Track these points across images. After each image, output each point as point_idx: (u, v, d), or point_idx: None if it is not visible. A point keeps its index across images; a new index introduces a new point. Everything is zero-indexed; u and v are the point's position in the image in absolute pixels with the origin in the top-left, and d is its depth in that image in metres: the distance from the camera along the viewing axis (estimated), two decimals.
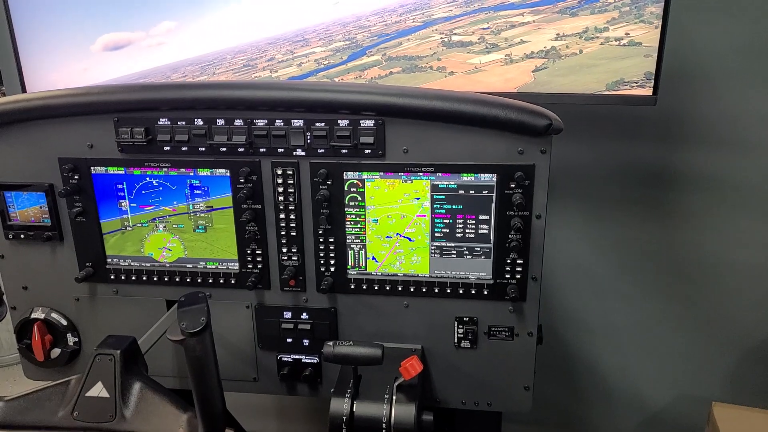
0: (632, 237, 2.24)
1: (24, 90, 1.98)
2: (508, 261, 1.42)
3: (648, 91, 1.75)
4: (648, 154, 2.12)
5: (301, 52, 2.00)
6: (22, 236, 1.55)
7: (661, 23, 1.70)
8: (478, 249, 1.44)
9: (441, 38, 1.90)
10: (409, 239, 1.46)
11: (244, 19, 1.98)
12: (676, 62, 1.92)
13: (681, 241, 2.20)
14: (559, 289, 2.36)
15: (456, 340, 1.49)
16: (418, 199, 1.43)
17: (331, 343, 1.31)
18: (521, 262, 1.41)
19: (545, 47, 1.82)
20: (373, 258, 1.48)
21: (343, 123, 1.39)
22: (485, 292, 1.45)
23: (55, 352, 1.63)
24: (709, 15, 1.94)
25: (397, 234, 1.46)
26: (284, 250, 1.50)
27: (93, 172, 1.49)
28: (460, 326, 1.48)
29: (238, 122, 1.42)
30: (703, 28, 1.96)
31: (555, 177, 2.15)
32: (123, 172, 1.49)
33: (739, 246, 2.13)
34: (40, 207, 1.53)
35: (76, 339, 1.63)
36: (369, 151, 1.40)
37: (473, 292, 1.45)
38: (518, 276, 1.43)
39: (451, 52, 1.91)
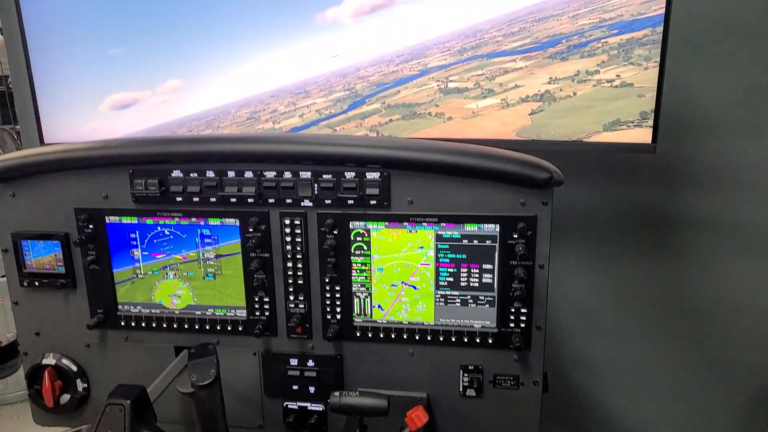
0: (636, 280, 2.25)
1: (42, 141, 2.05)
2: (512, 310, 1.44)
3: (645, 131, 1.78)
4: (650, 198, 2.16)
5: (302, 103, 2.07)
6: (36, 283, 1.59)
7: (657, 73, 1.75)
8: (483, 298, 1.46)
9: (438, 85, 1.96)
10: (414, 287, 1.49)
11: (247, 75, 2.06)
12: (674, 110, 1.97)
13: (684, 284, 2.21)
14: (565, 332, 2.37)
15: (461, 389, 1.50)
16: (421, 248, 1.46)
17: (337, 394, 1.33)
18: (525, 311, 1.43)
19: (539, 91, 1.86)
20: (379, 306, 1.50)
21: (349, 175, 1.43)
22: (490, 341, 1.46)
23: (65, 398, 1.65)
24: (706, 65, 2.00)
25: (402, 282, 1.49)
26: (291, 297, 1.53)
27: (107, 221, 1.54)
28: (466, 374, 1.49)
29: (248, 174, 1.47)
30: (700, 78, 2.01)
31: (559, 220, 2.18)
32: (136, 222, 1.53)
33: (742, 288, 2.14)
34: (55, 255, 1.57)
35: (86, 385, 1.65)
36: (374, 201, 1.44)
37: (478, 340, 1.47)
38: (522, 325, 1.44)
39: (449, 98, 1.96)
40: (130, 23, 2.06)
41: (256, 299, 1.54)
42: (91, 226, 1.53)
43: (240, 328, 1.56)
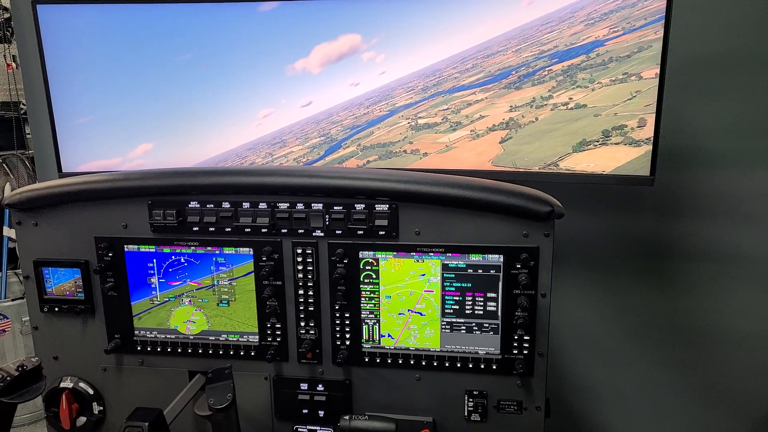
0: (637, 307, 2.30)
1: (60, 169, 2.12)
2: (516, 337, 1.49)
3: (612, 149, 1.88)
4: (649, 227, 2.22)
5: (280, 153, 2.18)
6: (56, 309, 1.65)
7: (655, 106, 1.83)
8: (487, 325, 1.51)
9: (408, 123, 2.10)
10: (420, 314, 1.55)
11: (222, 130, 2.17)
12: (671, 143, 2.04)
13: (685, 312, 2.26)
14: (567, 358, 2.41)
15: (466, 413, 1.55)
16: (423, 275, 1.52)
17: (347, 417, 1.38)
18: (528, 338, 1.49)
19: (504, 119, 2.00)
20: (389, 335, 1.56)
21: (359, 207, 1.50)
22: (494, 367, 1.52)
23: (81, 420, 1.69)
24: (703, 98, 2.08)
25: (408, 310, 1.54)
26: (302, 324, 1.58)
27: (126, 250, 1.60)
28: (470, 399, 1.54)
29: (262, 205, 1.53)
30: (697, 110, 2.08)
31: (562, 249, 2.25)
32: (154, 251, 1.60)
33: (742, 317, 2.19)
34: (75, 282, 1.63)
35: (101, 408, 1.69)
36: (383, 232, 1.50)
37: (482, 366, 1.52)
38: (525, 352, 1.49)
39: (420, 134, 2.09)
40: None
41: (269, 325, 1.59)
42: (110, 254, 1.60)
43: (252, 353, 1.61)
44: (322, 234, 1.53)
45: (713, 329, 2.23)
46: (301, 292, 1.57)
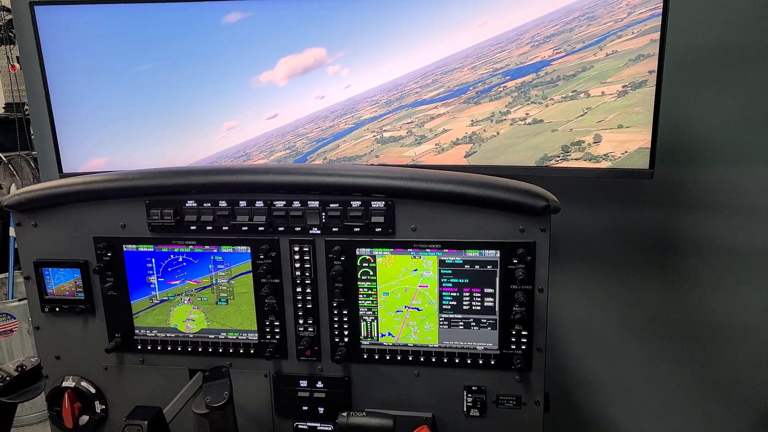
0: (640, 301, 2.29)
1: (60, 170, 2.13)
2: (513, 332, 1.49)
3: (571, 165, 1.94)
4: (650, 221, 2.21)
5: None
6: (57, 309, 1.66)
7: (654, 100, 1.82)
8: (485, 321, 1.51)
9: (374, 136, 2.14)
10: (418, 309, 1.55)
11: (183, 143, 2.19)
12: (671, 136, 2.03)
13: (687, 304, 2.25)
14: (569, 352, 2.41)
15: (465, 409, 1.55)
16: (416, 270, 1.52)
17: (345, 414, 1.38)
18: (526, 333, 1.48)
19: (467, 133, 2.06)
20: (389, 334, 1.56)
21: (355, 204, 1.50)
22: (492, 362, 1.52)
23: (84, 419, 1.70)
24: (702, 90, 2.06)
25: (406, 306, 1.54)
26: (301, 321, 1.59)
27: (125, 249, 1.61)
28: (469, 395, 1.54)
29: (259, 204, 1.54)
30: (697, 103, 2.07)
31: (563, 243, 2.25)
32: (152, 250, 1.60)
33: (744, 310, 2.18)
34: (75, 282, 1.64)
35: (104, 406, 1.71)
36: (380, 229, 1.50)
37: (481, 362, 1.52)
38: (524, 347, 1.49)
39: (386, 147, 2.13)
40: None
41: (267, 323, 1.60)
42: (109, 254, 1.60)
43: (252, 351, 1.62)
44: (318, 231, 1.53)
45: (716, 323, 2.22)
46: (299, 289, 1.57)
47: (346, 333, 1.57)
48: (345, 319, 1.57)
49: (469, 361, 1.53)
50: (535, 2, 1.92)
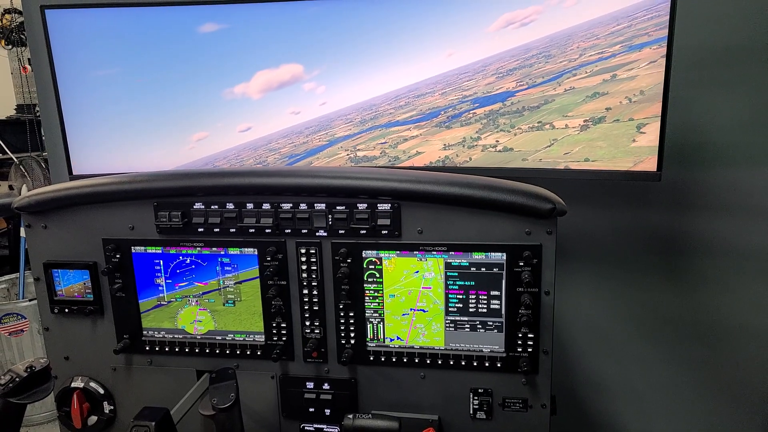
0: (649, 302, 2.28)
1: (70, 172, 2.15)
2: (520, 335, 1.49)
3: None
4: (659, 223, 2.19)
5: None
6: (66, 310, 1.67)
7: (661, 101, 1.81)
8: (491, 323, 1.51)
9: (347, 154, 2.16)
10: (423, 311, 1.55)
11: (147, 151, 2.19)
12: (679, 138, 2.01)
13: (696, 306, 2.23)
14: (578, 354, 2.40)
15: (471, 411, 1.55)
16: (417, 272, 1.52)
17: (350, 416, 1.39)
18: (532, 336, 1.48)
19: (440, 157, 2.10)
20: (398, 338, 1.56)
21: (362, 206, 1.50)
22: (498, 365, 1.51)
23: (92, 419, 1.72)
24: (710, 91, 2.04)
25: (411, 309, 1.54)
26: (307, 323, 1.59)
27: (133, 251, 1.62)
28: (475, 398, 1.54)
29: (266, 206, 1.54)
30: (705, 104, 2.05)
31: (571, 245, 2.24)
32: (160, 252, 1.61)
33: (754, 312, 2.16)
34: (84, 283, 1.66)
35: (112, 407, 1.72)
36: (386, 231, 1.50)
37: (487, 364, 1.52)
38: (530, 349, 1.49)
39: (359, 166, 2.13)
40: None
41: (274, 325, 1.61)
42: (117, 256, 1.62)
43: (258, 353, 1.63)
44: (325, 234, 1.54)
45: (725, 325, 2.20)
46: (305, 291, 1.58)
47: (352, 335, 1.58)
48: (351, 321, 1.57)
49: (475, 364, 1.53)
50: (496, 39, 2.01)
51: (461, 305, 1.52)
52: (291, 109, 2.11)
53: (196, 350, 1.65)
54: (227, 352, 1.64)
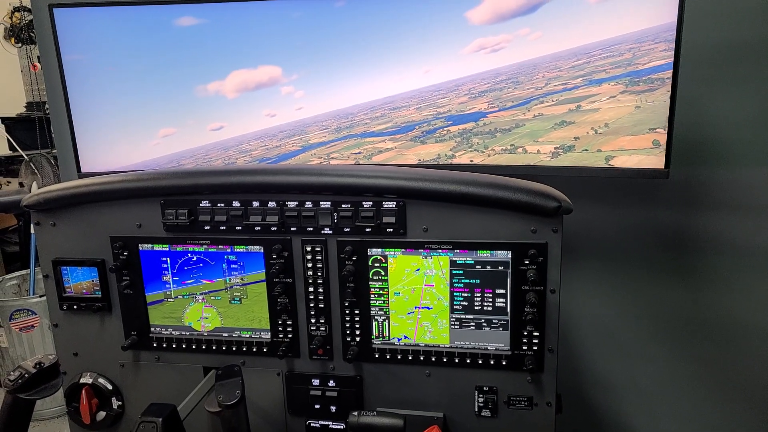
0: (655, 300, 2.27)
1: (79, 170, 2.17)
2: (525, 333, 1.49)
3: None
4: (666, 220, 2.18)
5: None
6: (75, 307, 1.69)
7: (669, 98, 1.80)
8: (496, 321, 1.51)
9: (320, 162, 2.14)
10: (428, 308, 1.55)
11: (109, 146, 2.16)
12: (687, 136, 2.00)
13: (704, 305, 2.22)
14: (584, 352, 2.39)
15: (476, 409, 1.55)
16: (418, 270, 1.52)
17: (355, 413, 1.39)
18: (537, 334, 1.48)
19: None
20: (405, 336, 1.57)
21: (367, 204, 1.51)
22: (504, 363, 1.51)
23: (101, 415, 1.74)
24: (719, 88, 2.03)
25: (416, 307, 1.55)
26: (313, 321, 1.60)
27: (141, 249, 1.63)
28: (480, 395, 1.54)
29: (272, 204, 1.55)
30: (713, 101, 2.04)
31: (579, 242, 2.23)
32: (167, 249, 1.63)
33: (761, 310, 2.15)
34: (92, 281, 1.67)
35: (120, 403, 1.74)
36: (391, 229, 1.51)
37: (492, 362, 1.52)
38: (535, 348, 1.49)
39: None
40: None
41: (280, 322, 1.61)
42: (125, 253, 1.63)
43: (264, 350, 1.64)
44: (330, 232, 1.54)
45: (733, 323, 2.19)
46: (311, 289, 1.58)
47: (357, 332, 1.58)
48: (357, 318, 1.58)
49: (480, 362, 1.53)
50: (468, 61, 2.04)
51: (466, 303, 1.52)
52: (267, 111, 2.10)
53: (203, 347, 1.67)
54: (233, 348, 1.65)
